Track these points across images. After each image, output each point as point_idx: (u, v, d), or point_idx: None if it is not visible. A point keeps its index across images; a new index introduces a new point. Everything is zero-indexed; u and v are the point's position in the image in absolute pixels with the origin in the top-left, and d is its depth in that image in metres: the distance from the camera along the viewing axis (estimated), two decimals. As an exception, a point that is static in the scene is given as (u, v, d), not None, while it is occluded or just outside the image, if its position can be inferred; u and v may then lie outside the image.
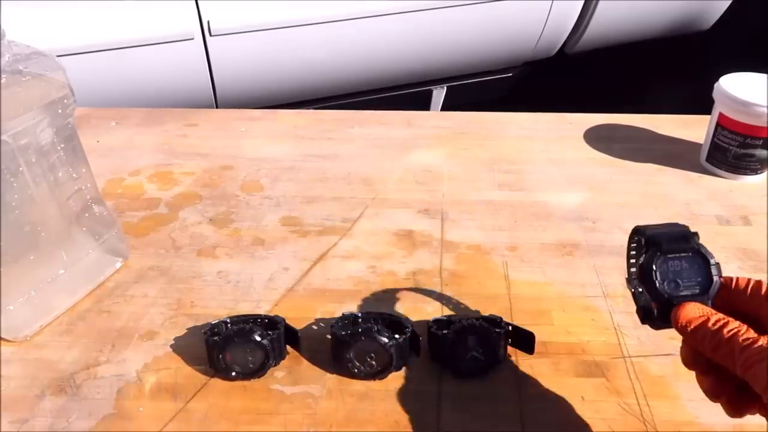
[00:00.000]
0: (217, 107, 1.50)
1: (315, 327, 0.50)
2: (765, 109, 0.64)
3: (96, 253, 0.55)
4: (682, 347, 0.35)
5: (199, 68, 1.42)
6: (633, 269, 0.38)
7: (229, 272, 0.56)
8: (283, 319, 0.47)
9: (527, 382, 0.46)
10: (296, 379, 0.46)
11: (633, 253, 0.39)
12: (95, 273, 0.55)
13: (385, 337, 0.44)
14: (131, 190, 0.69)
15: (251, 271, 0.57)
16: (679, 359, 0.35)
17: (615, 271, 0.56)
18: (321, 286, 0.55)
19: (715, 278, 0.35)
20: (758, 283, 0.34)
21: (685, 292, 0.34)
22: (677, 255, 0.35)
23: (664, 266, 0.35)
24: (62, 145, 0.49)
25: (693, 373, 0.35)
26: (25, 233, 0.48)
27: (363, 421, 0.43)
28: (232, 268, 0.57)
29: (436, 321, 0.46)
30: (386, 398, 0.44)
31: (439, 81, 1.74)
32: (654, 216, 0.64)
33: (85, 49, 1.29)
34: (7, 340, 0.49)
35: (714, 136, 0.70)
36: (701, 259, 0.35)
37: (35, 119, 0.46)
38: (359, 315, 0.47)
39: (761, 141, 0.67)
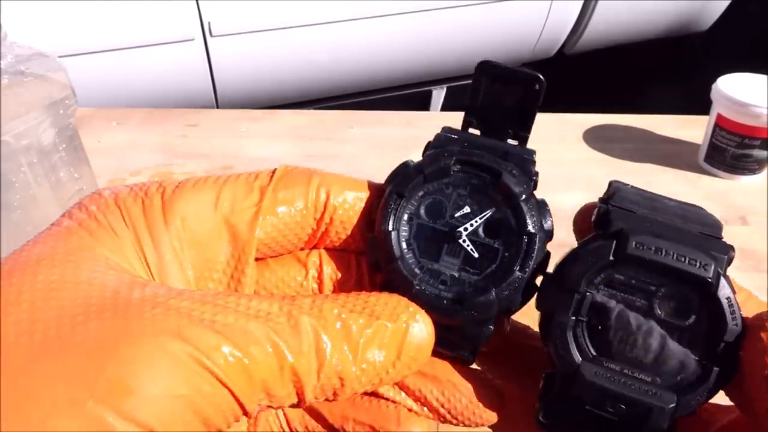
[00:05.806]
0: (217, 108, 1.50)
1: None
2: (763, 110, 0.65)
3: (97, 253, 0.55)
4: None
5: (200, 69, 1.42)
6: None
7: (229, 272, 0.57)
8: None
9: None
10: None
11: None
12: (96, 273, 0.55)
13: None
14: (132, 191, 0.69)
15: (252, 270, 0.57)
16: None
17: (614, 270, 0.56)
18: (321, 286, 0.55)
19: None
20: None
21: None
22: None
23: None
24: (64, 146, 0.49)
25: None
26: (26, 233, 0.48)
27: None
28: (233, 267, 0.57)
29: None
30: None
31: (439, 81, 1.75)
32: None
33: (86, 50, 1.29)
34: (9, 340, 0.49)
35: (712, 136, 0.70)
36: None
37: (37, 120, 0.46)
38: None
39: (759, 141, 0.67)
